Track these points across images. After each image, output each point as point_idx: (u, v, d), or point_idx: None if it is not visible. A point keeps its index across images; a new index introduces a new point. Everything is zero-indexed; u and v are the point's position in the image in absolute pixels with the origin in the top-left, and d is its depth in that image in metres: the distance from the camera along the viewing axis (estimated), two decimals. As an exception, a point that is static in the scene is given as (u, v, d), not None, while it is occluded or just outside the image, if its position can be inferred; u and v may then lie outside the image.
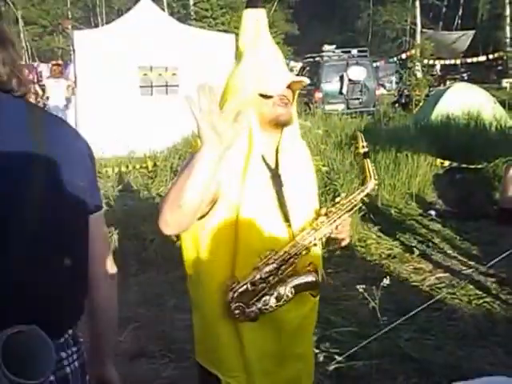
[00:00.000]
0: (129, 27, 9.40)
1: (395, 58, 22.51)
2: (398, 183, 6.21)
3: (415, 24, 29.13)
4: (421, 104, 12.53)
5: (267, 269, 1.49)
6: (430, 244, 4.83)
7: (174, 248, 3.60)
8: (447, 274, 4.13)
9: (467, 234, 5.01)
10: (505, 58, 23.73)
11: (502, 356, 3.00)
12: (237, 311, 1.48)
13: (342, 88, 13.38)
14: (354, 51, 14.36)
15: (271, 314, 1.51)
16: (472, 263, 4.28)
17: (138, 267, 4.28)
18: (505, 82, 22.06)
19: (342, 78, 13.40)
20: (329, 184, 4.99)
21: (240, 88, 1.53)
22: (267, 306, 1.50)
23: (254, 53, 1.55)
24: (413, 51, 20.45)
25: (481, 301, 3.63)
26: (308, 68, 14.71)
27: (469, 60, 22.36)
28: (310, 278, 1.55)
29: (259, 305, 1.49)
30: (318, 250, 1.64)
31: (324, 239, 1.62)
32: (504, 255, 3.82)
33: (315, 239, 1.56)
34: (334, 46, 15.45)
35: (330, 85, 13.38)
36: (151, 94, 9.94)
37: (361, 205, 5.06)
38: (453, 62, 22.38)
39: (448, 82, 17.99)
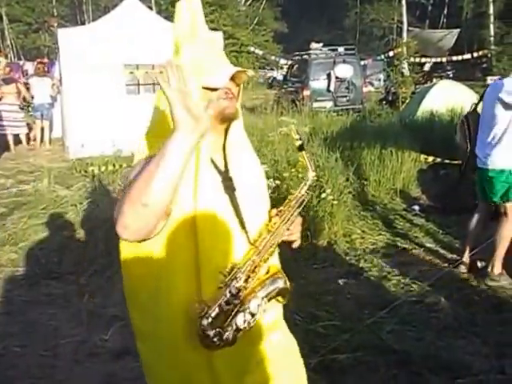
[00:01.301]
0: (114, 25, 9.36)
1: (382, 56, 22.65)
2: (383, 179, 6.28)
3: (402, 22, 29.29)
4: (407, 101, 12.63)
5: (237, 284, 1.34)
6: (413, 238, 4.90)
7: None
8: (429, 268, 4.19)
9: (449, 228, 5.09)
10: (489, 55, 23.97)
11: (480, 346, 3.06)
12: (215, 338, 1.30)
13: (329, 86, 13.44)
14: (341, 49, 14.42)
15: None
16: (453, 256, 4.35)
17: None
18: (489, 80, 22.27)
19: (329, 75, 13.45)
20: (314, 180, 5.04)
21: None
22: (245, 324, 1.36)
23: (192, 45, 1.44)
24: (399, 49, 20.58)
25: (461, 293, 3.70)
26: (296, 66, 14.77)
27: (454, 58, 22.61)
28: (280, 284, 1.47)
29: (236, 325, 1.34)
30: (276, 253, 1.54)
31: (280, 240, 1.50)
32: (480, 247, 3.91)
33: (274, 242, 1.46)
34: (322, 44, 15.54)
35: (318, 82, 13.43)
36: (138, 93, 9.92)
37: (349, 200, 5.12)
38: (439, 59, 22.59)
39: (434, 80, 18.13)
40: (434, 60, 22.51)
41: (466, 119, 4.35)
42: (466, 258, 4.06)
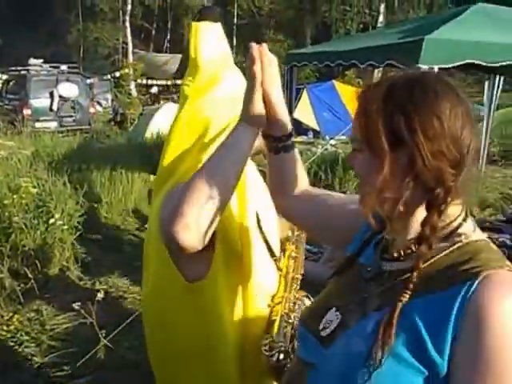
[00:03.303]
0: None
1: (109, 76, 22.70)
2: (115, 200, 6.34)
3: (126, 43, 29.91)
4: (135, 122, 12.98)
5: (286, 310, 1.33)
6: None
7: None
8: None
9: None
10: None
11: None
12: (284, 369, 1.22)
13: (52, 105, 12.85)
14: (64, 67, 13.96)
15: None
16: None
17: None
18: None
19: (52, 94, 12.87)
20: (41, 206, 4.79)
21: (226, 114, 1.29)
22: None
23: (233, 76, 1.36)
24: (126, 70, 20.99)
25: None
26: (14, 81, 13.68)
27: (179, 81, 24.16)
28: (307, 302, 1.46)
29: (293, 348, 1.28)
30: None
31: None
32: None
33: (299, 267, 1.48)
34: (42, 60, 14.72)
35: (40, 101, 12.70)
36: None
37: (78, 225, 5.03)
38: (165, 82, 23.81)
39: (161, 102, 19.02)
40: (160, 83, 23.63)
41: None
42: None
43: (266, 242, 1.37)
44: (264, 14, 27.54)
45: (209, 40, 1.34)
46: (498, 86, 6.07)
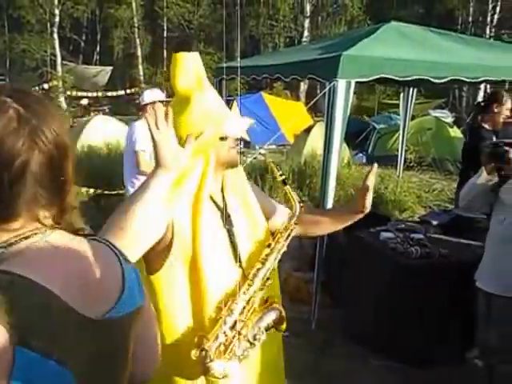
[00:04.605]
0: None
1: (37, 88, 21.99)
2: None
3: (55, 55, 29.11)
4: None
5: (233, 317, 1.47)
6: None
7: None
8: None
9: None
10: (140, 93, 26.08)
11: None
12: (213, 370, 1.41)
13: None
14: (-11, 79, 13.47)
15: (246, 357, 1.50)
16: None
17: None
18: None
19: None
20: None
21: (199, 130, 1.51)
22: (243, 354, 1.48)
23: (202, 96, 1.56)
24: (55, 82, 20.44)
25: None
26: None
27: (109, 94, 23.78)
28: (274, 315, 1.58)
29: (234, 355, 1.46)
30: (274, 283, 1.64)
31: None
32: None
33: (266, 273, 1.56)
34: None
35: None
36: None
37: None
38: (95, 94, 23.36)
39: (92, 114, 18.68)
40: (90, 95, 23.16)
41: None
42: None
43: (234, 248, 1.56)
44: (194, 27, 27.71)
45: (186, 67, 1.58)
46: (412, 98, 6.51)
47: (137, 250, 1.24)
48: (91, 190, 7.19)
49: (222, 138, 1.55)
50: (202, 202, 1.50)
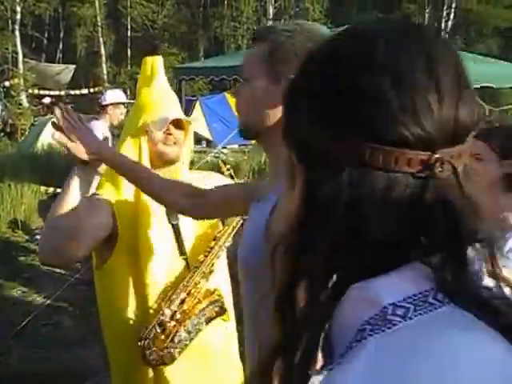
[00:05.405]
0: None
1: (-2, 86, 21.48)
2: (3, 213, 6.17)
3: (17, 53, 28.47)
4: (26, 133, 12.49)
5: (172, 307, 1.50)
6: (37, 267, 5.01)
7: None
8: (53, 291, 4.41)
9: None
10: (104, 91, 25.77)
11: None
12: (152, 357, 1.47)
13: None
14: None
15: (194, 344, 1.54)
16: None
17: None
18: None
19: None
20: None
21: (132, 123, 1.63)
22: (181, 343, 1.51)
23: (147, 92, 1.63)
24: (16, 80, 20.00)
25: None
26: None
27: (72, 92, 23.43)
28: (215, 307, 1.60)
29: (173, 344, 1.49)
30: (218, 275, 1.64)
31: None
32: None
33: (209, 265, 1.58)
34: None
35: None
36: None
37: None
38: (57, 93, 22.96)
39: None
40: (53, 93, 22.73)
41: None
42: None
43: (178, 240, 1.59)
44: (158, 27, 27.58)
45: (144, 68, 1.68)
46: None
47: (83, 247, 1.46)
48: (50, 189, 7.12)
49: (147, 132, 1.56)
50: (143, 196, 1.53)
